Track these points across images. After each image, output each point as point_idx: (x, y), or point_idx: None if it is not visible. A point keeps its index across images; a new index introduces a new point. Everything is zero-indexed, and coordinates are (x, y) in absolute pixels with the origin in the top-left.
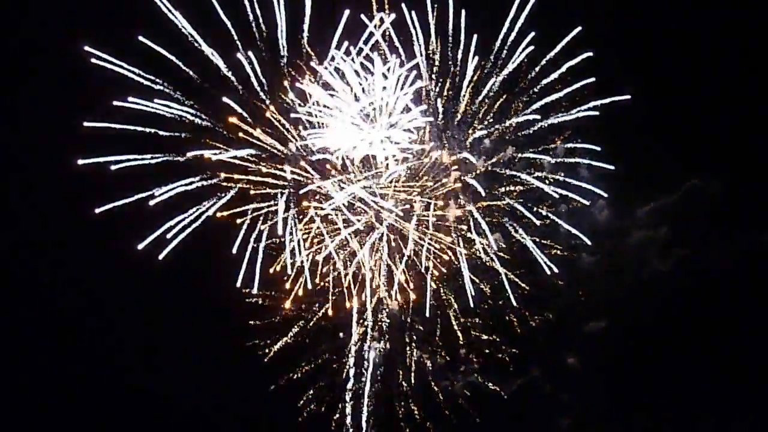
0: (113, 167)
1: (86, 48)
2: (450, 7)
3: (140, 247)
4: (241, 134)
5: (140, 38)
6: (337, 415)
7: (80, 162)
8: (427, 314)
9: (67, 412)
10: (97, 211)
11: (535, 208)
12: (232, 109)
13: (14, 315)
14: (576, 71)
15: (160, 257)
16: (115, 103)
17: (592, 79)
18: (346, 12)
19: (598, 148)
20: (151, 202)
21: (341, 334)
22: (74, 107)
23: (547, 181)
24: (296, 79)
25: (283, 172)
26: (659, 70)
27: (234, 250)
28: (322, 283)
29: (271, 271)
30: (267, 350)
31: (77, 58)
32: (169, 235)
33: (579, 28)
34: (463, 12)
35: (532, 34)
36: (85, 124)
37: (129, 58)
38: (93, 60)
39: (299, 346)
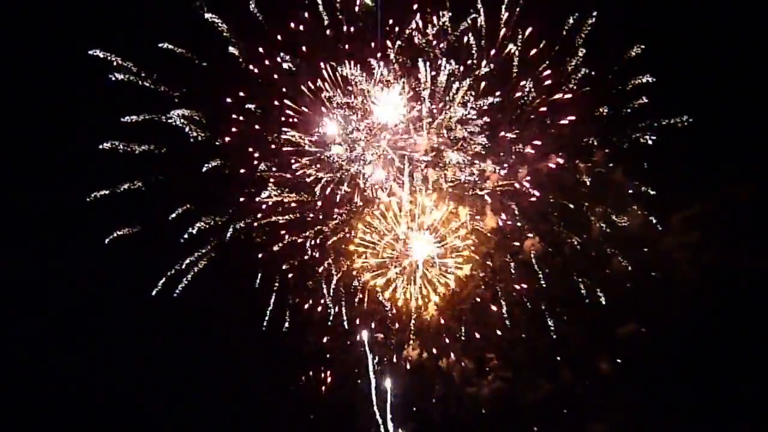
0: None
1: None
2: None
3: (153, 293)
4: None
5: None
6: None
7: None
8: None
9: None
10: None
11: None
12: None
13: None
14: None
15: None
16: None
17: (645, 100)
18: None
19: (645, 165)
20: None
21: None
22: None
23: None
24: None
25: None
26: (696, 80)
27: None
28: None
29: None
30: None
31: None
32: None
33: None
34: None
35: (583, 51)
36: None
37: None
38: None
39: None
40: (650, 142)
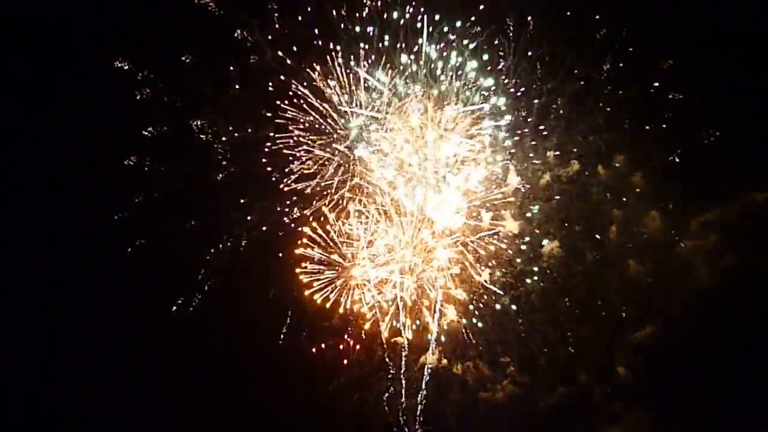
0: None
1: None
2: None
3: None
4: None
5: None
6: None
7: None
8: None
9: None
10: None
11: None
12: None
13: None
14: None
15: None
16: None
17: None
18: None
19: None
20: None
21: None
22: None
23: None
24: None
25: None
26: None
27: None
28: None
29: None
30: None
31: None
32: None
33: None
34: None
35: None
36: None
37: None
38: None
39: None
40: (677, 159)
